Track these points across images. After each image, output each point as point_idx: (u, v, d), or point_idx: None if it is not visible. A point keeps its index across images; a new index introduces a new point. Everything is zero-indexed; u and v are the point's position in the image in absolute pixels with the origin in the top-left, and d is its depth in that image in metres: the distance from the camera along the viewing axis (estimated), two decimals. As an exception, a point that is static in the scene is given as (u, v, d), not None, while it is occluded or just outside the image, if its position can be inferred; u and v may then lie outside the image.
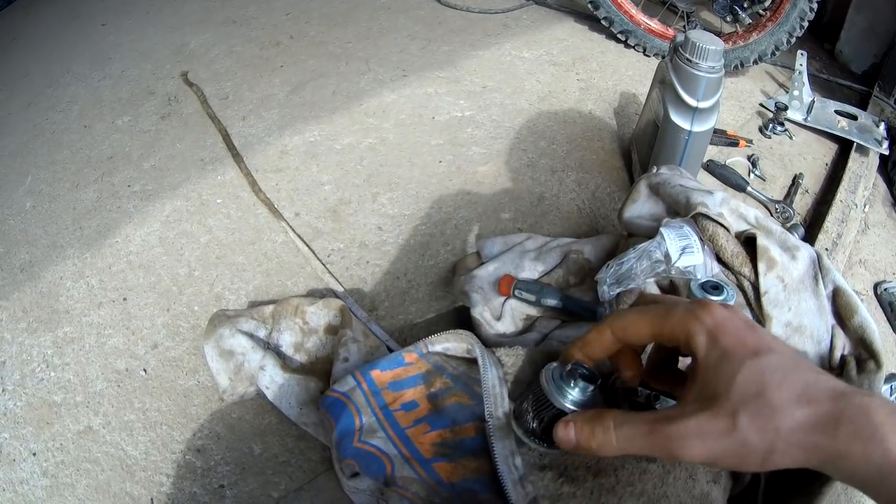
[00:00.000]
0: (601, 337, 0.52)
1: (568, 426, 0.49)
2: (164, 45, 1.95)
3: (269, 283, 1.09)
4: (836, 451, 0.37)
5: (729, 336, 0.43)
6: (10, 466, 0.88)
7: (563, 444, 0.49)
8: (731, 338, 0.43)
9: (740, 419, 0.40)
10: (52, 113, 1.67)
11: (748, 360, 0.41)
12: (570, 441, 0.48)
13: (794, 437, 0.38)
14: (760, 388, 0.40)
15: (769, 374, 0.40)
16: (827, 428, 0.38)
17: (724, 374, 0.42)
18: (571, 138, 1.42)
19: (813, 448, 0.38)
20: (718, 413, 0.41)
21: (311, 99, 1.58)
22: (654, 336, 0.48)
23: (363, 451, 0.67)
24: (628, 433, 0.44)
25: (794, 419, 0.38)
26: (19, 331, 1.08)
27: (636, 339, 0.50)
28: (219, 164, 1.38)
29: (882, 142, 1.41)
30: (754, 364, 0.41)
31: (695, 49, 1.03)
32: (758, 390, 0.40)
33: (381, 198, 1.25)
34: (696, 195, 0.83)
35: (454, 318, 1.02)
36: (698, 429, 0.41)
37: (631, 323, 0.50)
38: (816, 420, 0.38)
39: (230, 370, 0.88)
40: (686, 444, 0.41)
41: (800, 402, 0.39)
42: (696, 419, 0.41)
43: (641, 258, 0.78)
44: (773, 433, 0.39)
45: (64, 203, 1.34)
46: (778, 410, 0.39)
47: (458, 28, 1.92)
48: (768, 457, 0.39)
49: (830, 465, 0.38)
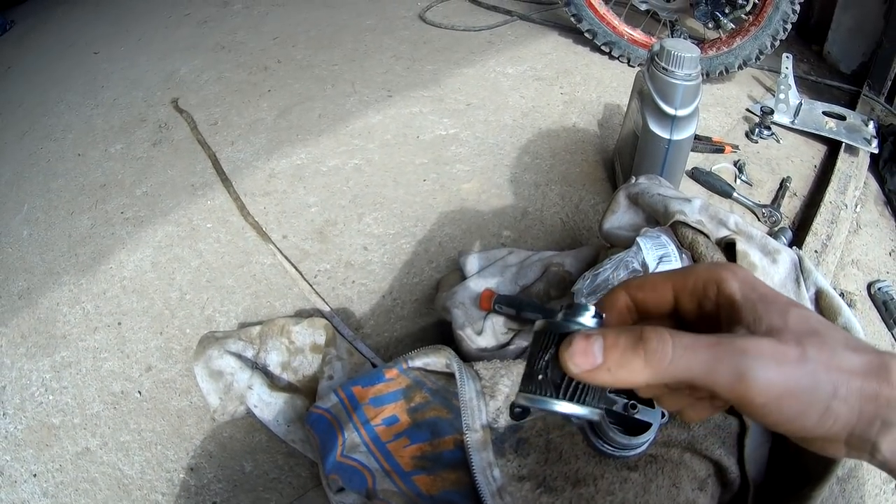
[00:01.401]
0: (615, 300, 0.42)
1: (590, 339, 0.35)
2: (154, 72, 1.99)
3: (258, 305, 1.12)
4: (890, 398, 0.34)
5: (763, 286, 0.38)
6: (11, 488, 0.90)
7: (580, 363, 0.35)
8: (765, 287, 0.38)
9: (809, 350, 0.34)
10: (47, 142, 1.71)
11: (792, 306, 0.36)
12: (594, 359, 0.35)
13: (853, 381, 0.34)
14: (814, 329, 0.35)
15: (815, 319, 0.36)
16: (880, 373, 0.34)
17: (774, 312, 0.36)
18: (555, 152, 1.45)
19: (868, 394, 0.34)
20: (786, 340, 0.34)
21: (298, 122, 1.61)
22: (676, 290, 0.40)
23: (346, 466, 0.70)
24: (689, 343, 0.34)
25: (851, 361, 0.34)
26: (18, 356, 1.11)
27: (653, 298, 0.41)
28: (208, 189, 1.41)
29: (871, 140, 1.41)
30: (799, 310, 0.36)
31: (670, 57, 1.04)
32: (813, 329, 0.35)
33: (366, 218, 1.28)
34: (675, 203, 0.83)
35: (438, 334, 1.05)
36: (774, 350, 0.34)
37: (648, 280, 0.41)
38: (869, 366, 0.34)
39: (220, 390, 0.90)
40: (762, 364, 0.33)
41: (849, 347, 0.35)
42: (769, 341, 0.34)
43: (618, 268, 0.79)
44: (836, 371, 0.34)
45: (59, 230, 1.37)
46: (836, 350, 0.34)
47: (443, 47, 1.95)
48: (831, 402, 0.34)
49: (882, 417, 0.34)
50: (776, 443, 0.68)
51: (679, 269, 0.41)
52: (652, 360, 0.34)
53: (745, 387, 0.33)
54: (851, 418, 0.34)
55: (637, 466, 0.66)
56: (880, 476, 0.83)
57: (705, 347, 0.34)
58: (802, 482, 0.60)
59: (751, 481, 0.65)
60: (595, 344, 0.35)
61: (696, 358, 0.34)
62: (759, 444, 0.68)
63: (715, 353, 0.34)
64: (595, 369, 0.34)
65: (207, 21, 2.35)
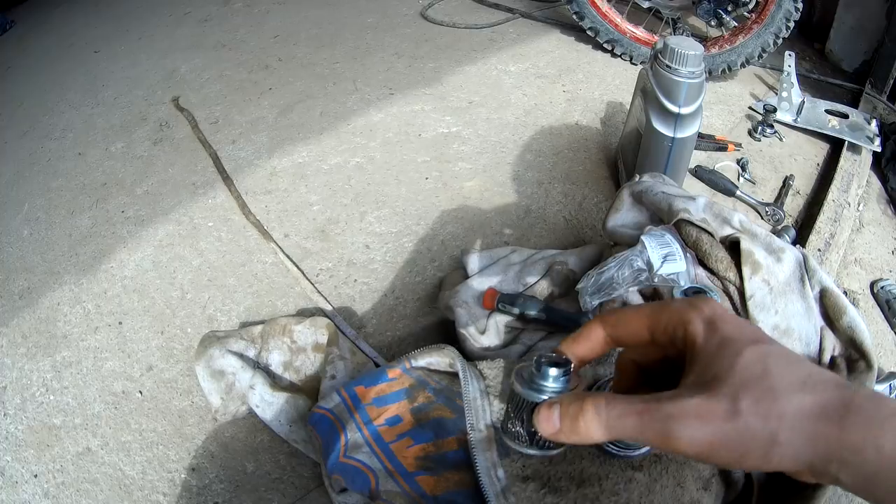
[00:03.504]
0: (591, 333, 0.46)
1: (551, 408, 0.43)
2: (155, 70, 1.99)
3: (260, 304, 1.11)
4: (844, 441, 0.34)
5: (728, 325, 0.40)
6: (12, 488, 0.90)
7: (545, 429, 0.43)
8: (730, 326, 0.40)
9: (742, 402, 0.36)
10: (48, 141, 1.71)
11: (750, 346, 0.38)
12: (554, 425, 0.42)
13: (799, 425, 0.35)
14: (764, 372, 0.37)
15: (772, 359, 0.38)
16: (834, 415, 0.35)
17: (725, 357, 0.38)
18: (558, 150, 1.45)
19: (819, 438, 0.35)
20: (719, 395, 0.37)
21: (300, 120, 1.61)
22: (650, 329, 0.43)
23: (348, 466, 0.69)
24: (620, 412, 0.39)
25: (800, 404, 0.36)
26: (19, 356, 1.10)
27: (628, 334, 0.45)
28: (209, 187, 1.40)
29: (874, 139, 1.41)
30: (757, 349, 0.38)
31: (674, 55, 1.03)
32: (761, 373, 0.37)
33: (368, 216, 1.28)
34: (679, 201, 0.83)
35: (441, 333, 1.04)
36: (698, 410, 0.37)
37: (624, 316, 0.45)
38: (823, 407, 0.35)
39: (221, 390, 0.90)
40: (684, 425, 0.37)
41: (804, 389, 0.36)
42: (697, 400, 0.37)
43: (622, 267, 0.79)
44: (776, 419, 0.36)
45: (60, 230, 1.37)
46: (782, 395, 0.36)
47: (445, 44, 1.95)
48: (770, 448, 0.36)
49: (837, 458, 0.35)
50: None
51: (654, 306, 0.43)
52: (591, 427, 0.40)
53: (673, 445, 0.37)
54: (803, 456, 0.35)
55: (642, 466, 0.65)
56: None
57: (635, 415, 0.38)
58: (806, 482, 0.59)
59: (755, 480, 0.65)
60: (554, 413, 0.42)
61: (627, 423, 0.39)
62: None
63: (642, 420, 0.38)
64: (556, 432, 0.42)
65: (208, 19, 2.34)
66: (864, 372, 0.71)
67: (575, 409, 0.41)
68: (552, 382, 0.46)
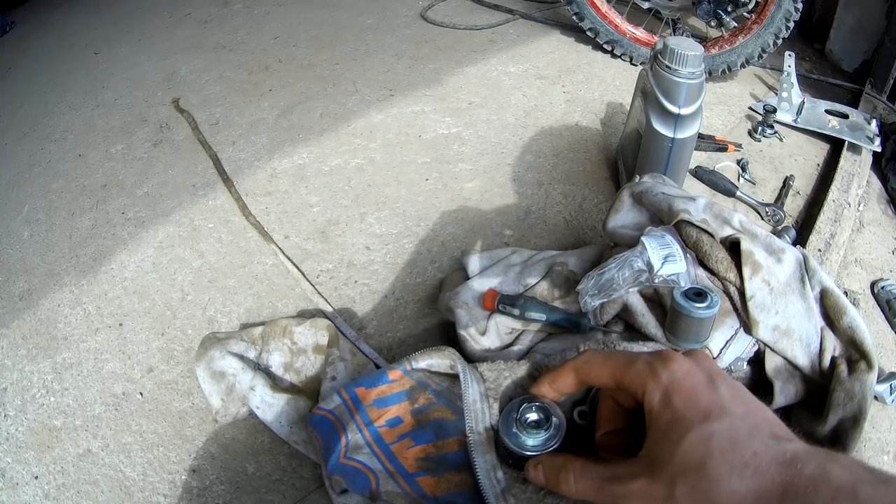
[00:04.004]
0: (565, 375, 0.56)
1: (537, 469, 0.54)
2: (155, 72, 1.99)
3: (260, 306, 1.11)
4: None
5: (682, 396, 0.43)
6: (13, 490, 0.90)
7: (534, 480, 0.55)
8: (683, 399, 0.42)
9: (677, 489, 0.39)
10: (48, 143, 1.71)
11: (696, 426, 0.40)
12: (540, 481, 0.54)
13: None
14: (703, 458, 0.39)
15: (715, 441, 0.39)
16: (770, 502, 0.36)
17: (670, 439, 0.41)
18: (558, 151, 1.45)
19: None
20: (659, 480, 0.41)
21: (300, 122, 1.61)
22: (615, 382, 0.49)
23: (349, 467, 0.69)
24: (583, 487, 0.48)
25: (733, 491, 0.37)
26: (20, 357, 1.10)
27: (597, 381, 0.52)
28: (210, 189, 1.40)
29: (874, 139, 1.41)
30: (702, 430, 0.40)
31: (674, 55, 1.03)
32: (700, 460, 0.39)
33: (368, 217, 1.28)
34: (679, 202, 0.83)
35: (442, 334, 1.04)
36: (639, 492, 0.42)
37: (594, 366, 0.52)
38: (760, 492, 0.37)
39: (222, 391, 0.90)
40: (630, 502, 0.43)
41: (743, 474, 0.37)
42: (639, 483, 0.42)
43: (622, 268, 0.79)
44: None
45: (60, 231, 1.37)
46: (717, 483, 0.38)
47: (445, 45, 1.95)
48: None
49: None
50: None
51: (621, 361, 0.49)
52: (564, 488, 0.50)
53: None
54: None
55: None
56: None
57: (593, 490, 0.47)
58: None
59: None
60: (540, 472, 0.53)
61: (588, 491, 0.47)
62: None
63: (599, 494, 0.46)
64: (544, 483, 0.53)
65: (208, 21, 2.34)
66: (865, 372, 0.71)
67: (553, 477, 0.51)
68: (532, 440, 0.60)
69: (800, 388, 0.74)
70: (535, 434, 0.61)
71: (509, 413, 0.63)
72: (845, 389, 0.69)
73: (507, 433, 0.61)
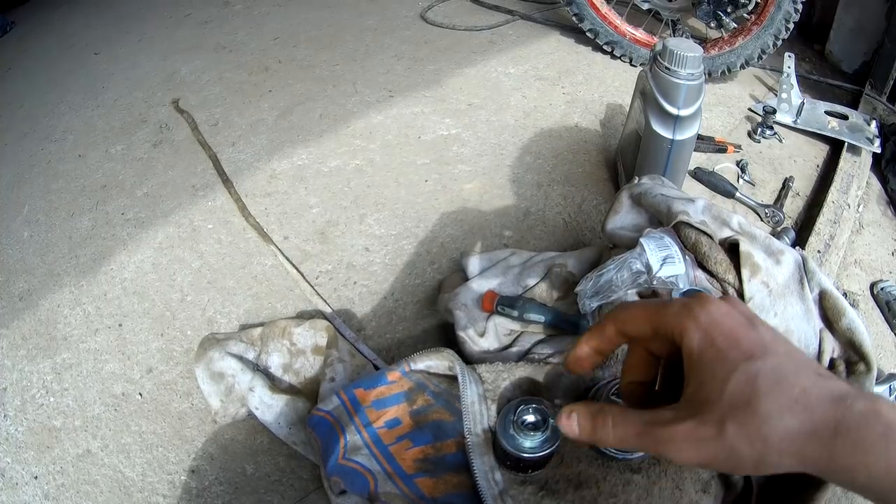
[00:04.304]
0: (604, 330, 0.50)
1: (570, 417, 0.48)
2: (155, 72, 1.99)
3: (260, 306, 1.12)
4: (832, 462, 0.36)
5: (724, 336, 0.41)
6: (13, 490, 0.90)
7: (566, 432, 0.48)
8: (725, 338, 0.41)
9: (728, 427, 0.38)
10: (48, 143, 1.71)
11: (741, 364, 0.39)
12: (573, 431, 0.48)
13: (785, 447, 0.37)
14: (751, 395, 0.38)
15: (762, 378, 0.39)
16: (822, 437, 0.36)
17: (716, 378, 0.40)
18: (557, 152, 1.45)
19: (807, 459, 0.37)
20: (707, 420, 0.39)
21: (299, 123, 1.61)
22: (653, 328, 0.46)
23: (347, 468, 0.69)
24: (623, 433, 0.44)
25: (785, 428, 0.37)
26: (19, 358, 1.10)
27: (633, 329, 0.48)
28: (209, 190, 1.41)
29: (874, 140, 1.41)
30: (747, 368, 0.39)
31: (673, 57, 1.03)
32: (748, 397, 0.38)
33: (368, 219, 1.28)
34: (678, 204, 0.83)
35: (441, 335, 1.04)
36: (687, 434, 0.40)
37: (630, 313, 0.48)
38: (811, 429, 0.36)
39: (221, 392, 0.90)
40: (676, 447, 0.40)
41: (793, 410, 0.37)
42: (686, 425, 0.40)
43: (621, 269, 0.78)
44: (761, 443, 0.37)
45: (60, 232, 1.37)
46: (768, 419, 0.37)
47: (444, 46, 1.95)
48: (759, 465, 0.38)
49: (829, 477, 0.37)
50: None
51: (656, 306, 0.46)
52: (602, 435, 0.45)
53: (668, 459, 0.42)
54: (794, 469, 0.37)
55: (640, 469, 0.65)
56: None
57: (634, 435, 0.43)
58: (806, 484, 0.59)
59: (754, 483, 0.65)
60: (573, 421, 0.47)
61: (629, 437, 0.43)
62: (762, 445, 0.67)
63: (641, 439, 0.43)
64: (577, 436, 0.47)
65: (208, 21, 2.34)
66: (864, 374, 0.72)
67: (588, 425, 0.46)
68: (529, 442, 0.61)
69: (798, 390, 0.74)
70: (533, 436, 0.61)
71: (506, 415, 0.63)
72: (844, 390, 0.69)
73: (504, 435, 0.62)
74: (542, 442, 0.61)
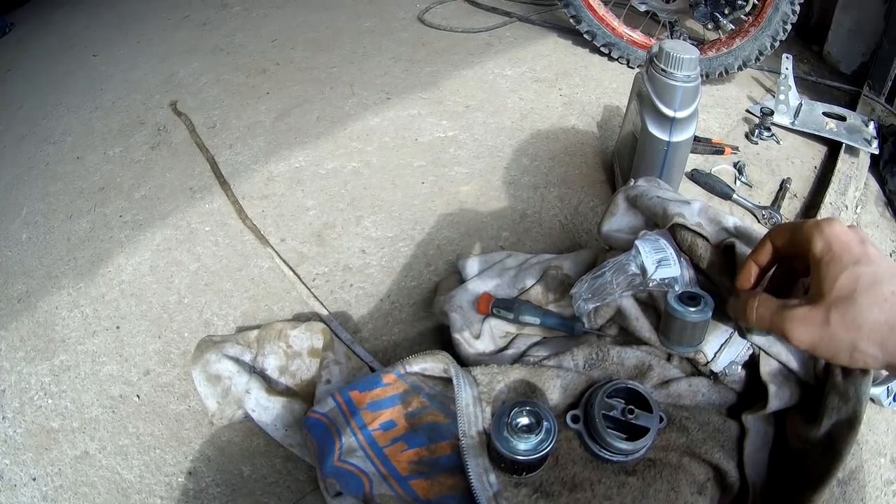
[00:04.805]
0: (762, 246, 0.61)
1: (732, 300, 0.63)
2: (153, 74, 1.99)
3: (256, 309, 1.12)
4: None
5: (840, 245, 0.51)
6: (11, 491, 0.91)
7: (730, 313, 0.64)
8: (841, 246, 0.51)
9: (832, 314, 0.49)
10: (46, 145, 1.71)
11: (850, 266, 0.50)
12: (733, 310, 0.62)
13: (874, 335, 0.48)
14: (853, 291, 0.49)
15: (863, 279, 0.49)
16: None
17: (828, 276, 0.51)
18: (554, 154, 1.45)
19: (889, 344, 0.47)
20: (819, 308, 0.51)
21: (297, 125, 1.61)
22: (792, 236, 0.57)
23: (343, 470, 0.70)
24: (762, 313, 0.57)
25: (875, 319, 0.48)
26: (18, 360, 1.11)
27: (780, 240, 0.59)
28: (207, 192, 1.41)
29: (872, 141, 1.41)
30: (854, 270, 0.50)
31: (669, 59, 1.03)
32: (850, 292, 0.49)
33: (364, 221, 1.28)
34: (673, 206, 0.83)
35: (437, 338, 1.05)
36: (802, 317, 0.52)
37: (777, 231, 0.59)
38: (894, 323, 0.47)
39: (218, 394, 0.90)
40: (795, 326, 0.52)
41: (882, 307, 0.48)
42: (804, 309, 0.52)
43: (617, 272, 0.79)
44: (855, 329, 0.48)
45: (58, 234, 1.37)
46: (861, 311, 0.48)
47: (442, 49, 1.95)
48: (854, 350, 0.49)
49: None
50: (776, 446, 0.68)
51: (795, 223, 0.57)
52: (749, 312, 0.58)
53: (791, 339, 0.53)
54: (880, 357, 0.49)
55: (635, 471, 0.66)
56: (881, 478, 0.83)
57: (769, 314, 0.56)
58: (803, 485, 0.60)
59: (751, 485, 0.65)
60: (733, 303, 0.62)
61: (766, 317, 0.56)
62: (758, 447, 0.68)
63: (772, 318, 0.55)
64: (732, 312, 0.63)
65: (206, 24, 2.35)
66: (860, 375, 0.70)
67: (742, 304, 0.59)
68: (524, 444, 0.62)
69: (795, 392, 0.74)
70: (527, 438, 0.62)
71: (500, 418, 0.64)
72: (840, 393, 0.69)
73: (498, 438, 0.62)
74: (536, 444, 0.62)
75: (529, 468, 0.65)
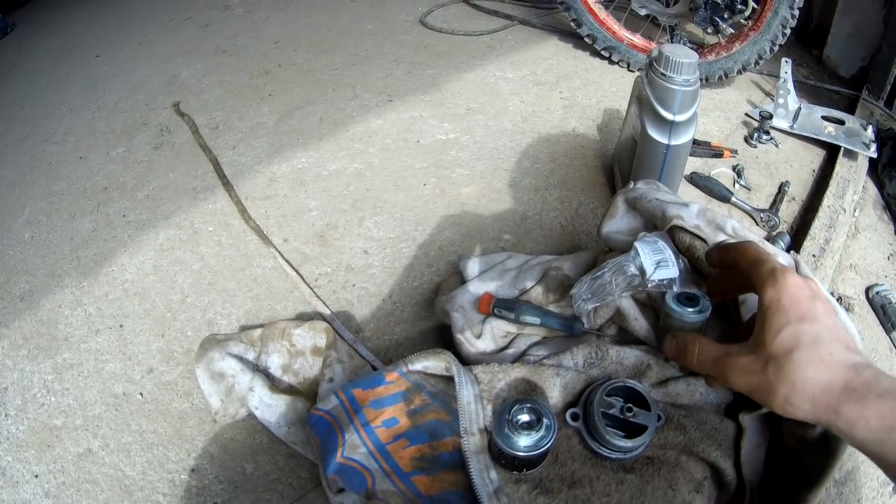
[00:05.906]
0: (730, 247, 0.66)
1: (671, 342, 0.65)
2: (156, 75, 2.00)
3: (259, 308, 1.13)
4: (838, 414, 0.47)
5: (790, 298, 0.53)
6: (13, 488, 0.91)
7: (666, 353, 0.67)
8: (790, 299, 0.53)
9: (769, 367, 0.51)
10: (49, 145, 1.72)
11: (794, 322, 0.52)
12: (672, 351, 0.65)
13: (805, 392, 0.49)
14: (793, 347, 0.50)
15: (804, 337, 0.51)
16: (833, 392, 0.48)
17: (773, 327, 0.52)
18: (554, 157, 1.46)
19: (820, 406, 0.48)
20: (758, 358, 0.53)
21: (299, 126, 1.62)
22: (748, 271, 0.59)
23: (346, 467, 0.70)
24: (703, 359, 0.59)
25: (809, 378, 0.49)
26: (20, 357, 1.11)
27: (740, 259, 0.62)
28: (210, 192, 1.42)
29: (870, 145, 1.42)
30: (796, 327, 0.51)
31: (669, 63, 1.04)
32: (789, 349, 0.51)
33: (366, 222, 1.29)
34: (672, 208, 0.84)
35: (438, 337, 1.05)
36: (742, 366, 0.54)
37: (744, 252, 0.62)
38: (827, 383, 0.48)
39: (221, 392, 0.91)
40: (734, 373, 0.55)
41: (818, 366, 0.49)
42: (745, 358, 0.54)
43: (616, 273, 0.79)
44: (790, 385, 0.50)
45: (61, 233, 1.38)
46: (797, 368, 0.49)
47: (443, 51, 1.96)
48: (786, 403, 0.50)
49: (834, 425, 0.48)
50: (773, 445, 0.69)
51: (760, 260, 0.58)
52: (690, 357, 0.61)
53: (729, 384, 0.56)
54: (811, 415, 0.49)
55: (633, 468, 0.67)
56: (878, 479, 0.83)
57: (710, 361, 0.58)
58: (800, 485, 0.61)
59: (747, 483, 0.66)
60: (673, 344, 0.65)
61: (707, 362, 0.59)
62: (755, 446, 0.68)
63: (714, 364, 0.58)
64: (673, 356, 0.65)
65: (209, 25, 2.36)
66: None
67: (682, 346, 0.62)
68: (524, 440, 0.63)
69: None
70: (527, 435, 0.62)
71: (501, 415, 0.64)
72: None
73: (499, 434, 0.63)
74: (536, 440, 0.62)
75: (529, 465, 0.66)
